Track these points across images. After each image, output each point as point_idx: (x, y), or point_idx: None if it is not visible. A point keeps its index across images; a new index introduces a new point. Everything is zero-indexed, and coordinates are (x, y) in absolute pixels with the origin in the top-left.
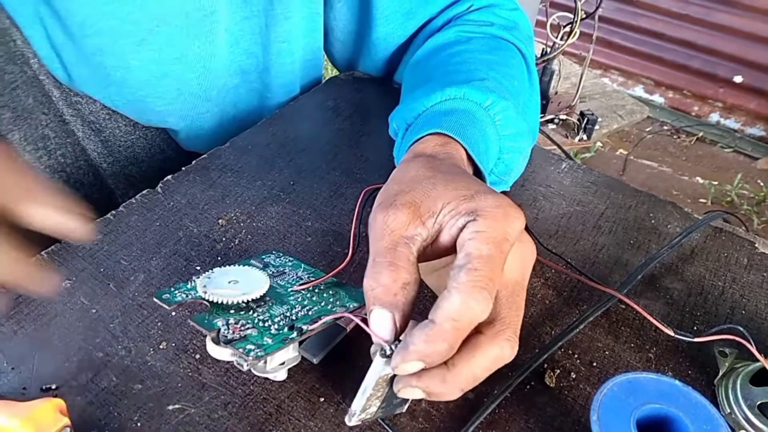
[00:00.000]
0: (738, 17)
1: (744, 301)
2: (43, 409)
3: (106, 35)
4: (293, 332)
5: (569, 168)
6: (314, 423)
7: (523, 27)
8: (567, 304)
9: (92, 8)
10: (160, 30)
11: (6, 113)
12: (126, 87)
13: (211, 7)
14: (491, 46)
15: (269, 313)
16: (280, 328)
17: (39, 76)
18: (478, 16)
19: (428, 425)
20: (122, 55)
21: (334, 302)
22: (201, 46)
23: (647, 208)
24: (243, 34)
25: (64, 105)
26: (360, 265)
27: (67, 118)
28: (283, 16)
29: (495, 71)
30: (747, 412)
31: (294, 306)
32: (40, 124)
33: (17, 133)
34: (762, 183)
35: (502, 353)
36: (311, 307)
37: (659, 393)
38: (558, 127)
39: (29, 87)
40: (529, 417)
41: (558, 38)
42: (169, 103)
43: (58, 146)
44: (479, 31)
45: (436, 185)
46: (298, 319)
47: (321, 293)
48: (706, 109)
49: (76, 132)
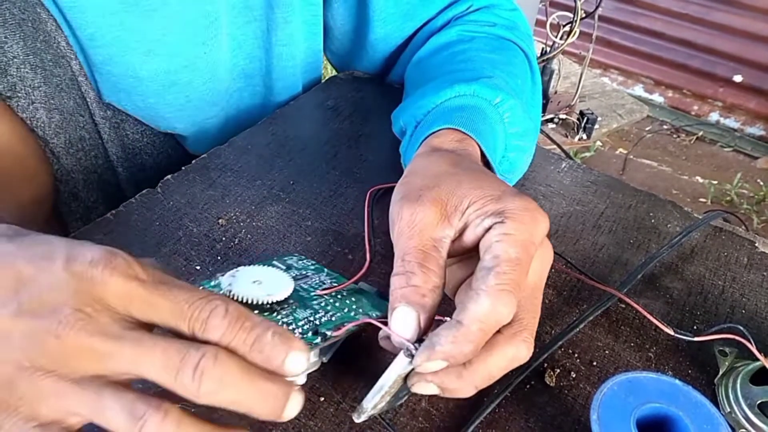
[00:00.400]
0: (738, 16)
1: (744, 300)
2: None
3: (115, 46)
4: (317, 337)
5: (569, 167)
6: (314, 423)
7: (522, 27)
8: (567, 304)
9: (101, 20)
10: (167, 39)
11: (55, 116)
12: (136, 95)
13: (215, 14)
14: (494, 45)
15: (293, 316)
16: (304, 332)
17: (78, 77)
18: (479, 17)
19: (428, 425)
20: (131, 65)
21: (357, 309)
22: (207, 53)
23: (647, 208)
24: (246, 38)
25: (96, 107)
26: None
27: (97, 120)
28: (283, 20)
29: (500, 70)
30: (747, 411)
31: (317, 311)
32: (78, 126)
33: (63, 135)
34: (762, 182)
35: (518, 354)
36: (334, 313)
37: (659, 392)
38: (558, 126)
39: (70, 89)
40: (529, 417)
41: (558, 37)
42: (178, 110)
43: (92, 147)
44: (482, 30)
45: (461, 183)
46: (322, 324)
47: (344, 299)
48: (706, 109)
49: (102, 134)
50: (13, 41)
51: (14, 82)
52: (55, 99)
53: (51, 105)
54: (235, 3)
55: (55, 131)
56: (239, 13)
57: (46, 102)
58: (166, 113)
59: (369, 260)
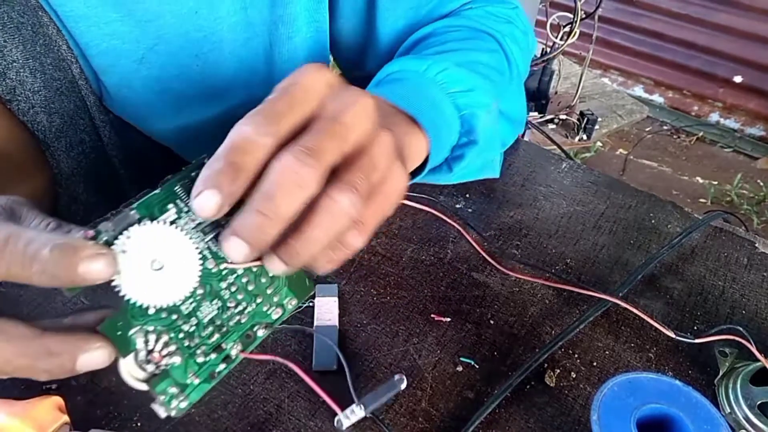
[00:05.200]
0: (738, 17)
1: (744, 300)
2: (42, 406)
3: (109, 55)
4: (221, 362)
5: (569, 168)
6: (314, 423)
7: (517, 22)
8: (567, 304)
9: (95, 30)
10: (160, 49)
11: (56, 120)
12: (129, 106)
13: (210, 28)
14: (466, 36)
15: (196, 317)
16: (207, 351)
17: (78, 81)
18: (475, 12)
19: (428, 425)
20: (124, 75)
21: (271, 297)
22: (201, 65)
23: (647, 208)
24: (248, 54)
25: (96, 110)
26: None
27: (97, 123)
28: (287, 36)
29: (452, 49)
30: (747, 411)
31: (226, 302)
32: (78, 129)
33: (64, 139)
34: (762, 183)
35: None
36: (245, 306)
37: (659, 393)
38: (558, 127)
39: (71, 93)
40: (529, 417)
41: (558, 38)
42: (170, 121)
43: (92, 150)
44: (463, 24)
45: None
46: (229, 333)
47: (258, 277)
48: (706, 109)
49: (103, 137)
50: (12, 45)
51: (13, 85)
52: (55, 103)
53: (51, 109)
54: (237, 20)
55: (56, 135)
56: (242, 30)
57: (46, 106)
58: (157, 124)
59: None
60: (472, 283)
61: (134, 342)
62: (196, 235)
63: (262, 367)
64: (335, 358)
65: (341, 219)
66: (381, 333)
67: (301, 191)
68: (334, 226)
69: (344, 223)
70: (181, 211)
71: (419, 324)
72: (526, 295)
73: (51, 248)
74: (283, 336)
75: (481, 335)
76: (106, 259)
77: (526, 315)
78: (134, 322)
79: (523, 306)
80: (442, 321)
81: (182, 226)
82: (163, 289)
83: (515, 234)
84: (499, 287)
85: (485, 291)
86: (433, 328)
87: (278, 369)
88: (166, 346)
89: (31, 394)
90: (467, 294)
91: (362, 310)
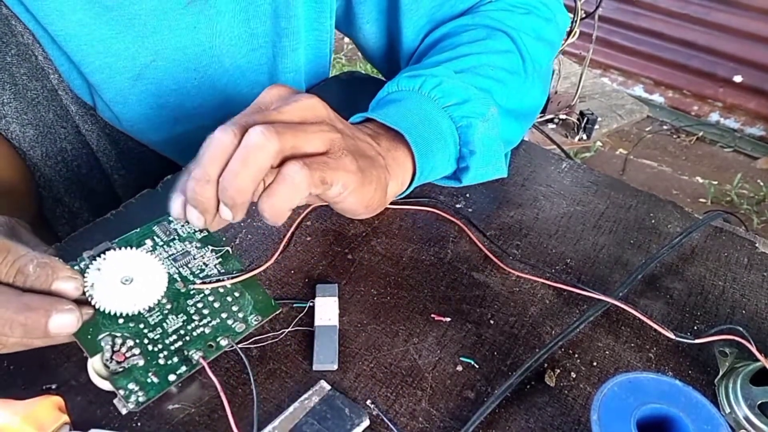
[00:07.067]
0: (738, 17)
1: (744, 300)
2: (42, 406)
3: (104, 72)
4: (182, 364)
5: (569, 168)
6: None
7: (538, 10)
8: (567, 304)
9: (88, 47)
10: (157, 65)
11: (29, 131)
12: (125, 119)
13: (209, 42)
14: (480, 36)
15: (162, 327)
16: (169, 355)
17: (58, 91)
18: (494, 6)
19: (428, 425)
20: (119, 90)
21: (236, 313)
22: (199, 78)
23: (647, 208)
24: (250, 66)
25: (80, 119)
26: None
27: (82, 131)
28: (290, 48)
29: (463, 49)
30: (747, 411)
31: (191, 315)
32: (59, 138)
33: (39, 149)
34: (762, 183)
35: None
36: (209, 321)
37: (659, 393)
38: (558, 126)
39: (49, 102)
40: (529, 417)
41: None
42: (167, 132)
43: (75, 158)
44: (479, 22)
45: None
46: (192, 341)
47: (223, 296)
48: (706, 109)
49: (90, 144)
50: None
51: None
52: (29, 114)
53: (24, 120)
54: (239, 32)
55: (31, 144)
56: (244, 43)
57: (18, 117)
58: (154, 136)
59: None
60: (472, 283)
61: (101, 345)
62: (167, 262)
63: (262, 367)
64: (335, 358)
65: (254, 150)
66: (381, 333)
67: (222, 152)
68: (248, 156)
69: (258, 155)
70: (157, 244)
71: (419, 324)
72: (526, 295)
73: (34, 266)
74: (283, 336)
75: (481, 335)
76: (76, 282)
77: (526, 315)
78: (104, 328)
79: (523, 306)
80: (442, 321)
81: (155, 254)
82: (128, 299)
83: (515, 234)
84: (500, 287)
85: (485, 291)
86: (433, 328)
87: (278, 369)
88: (131, 349)
89: (31, 394)
90: (467, 294)
91: (362, 310)
